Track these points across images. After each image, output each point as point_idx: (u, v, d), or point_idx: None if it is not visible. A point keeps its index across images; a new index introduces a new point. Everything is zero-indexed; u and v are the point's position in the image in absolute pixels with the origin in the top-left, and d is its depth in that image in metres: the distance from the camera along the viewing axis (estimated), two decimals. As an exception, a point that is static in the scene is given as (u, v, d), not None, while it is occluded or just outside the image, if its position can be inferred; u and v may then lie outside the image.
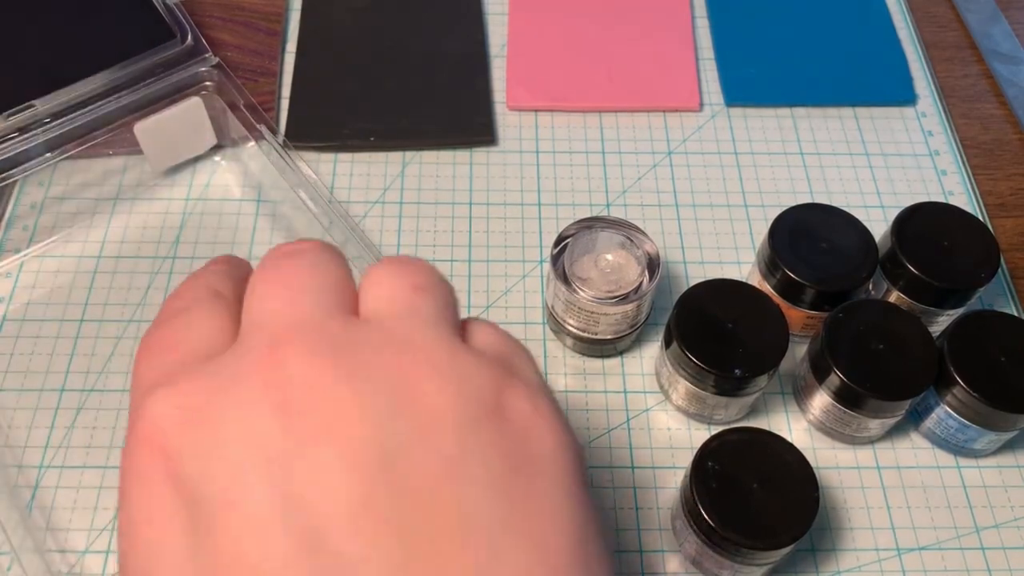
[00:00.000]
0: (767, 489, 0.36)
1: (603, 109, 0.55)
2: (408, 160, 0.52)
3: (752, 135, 0.54)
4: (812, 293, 0.42)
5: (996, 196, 0.53)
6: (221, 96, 0.47)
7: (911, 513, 0.41)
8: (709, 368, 0.39)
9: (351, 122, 0.53)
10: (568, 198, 0.51)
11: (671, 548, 0.40)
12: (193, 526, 0.18)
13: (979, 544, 0.41)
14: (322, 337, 0.20)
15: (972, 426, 0.40)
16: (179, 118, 0.47)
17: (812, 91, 0.56)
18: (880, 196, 0.52)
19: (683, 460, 0.42)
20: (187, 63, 0.47)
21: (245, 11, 0.57)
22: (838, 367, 0.39)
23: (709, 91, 0.56)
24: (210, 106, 0.48)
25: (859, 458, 0.43)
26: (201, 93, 0.47)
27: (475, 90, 0.55)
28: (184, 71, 0.47)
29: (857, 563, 0.40)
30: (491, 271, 0.48)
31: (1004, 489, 0.42)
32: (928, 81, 0.58)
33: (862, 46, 0.58)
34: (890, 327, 0.40)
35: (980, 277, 0.42)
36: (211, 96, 0.48)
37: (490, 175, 0.52)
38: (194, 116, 0.48)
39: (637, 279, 0.41)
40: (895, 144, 0.55)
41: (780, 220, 0.44)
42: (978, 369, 0.39)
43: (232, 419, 0.19)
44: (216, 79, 0.47)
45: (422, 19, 0.58)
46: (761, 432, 0.37)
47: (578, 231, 0.43)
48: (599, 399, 0.44)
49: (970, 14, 0.61)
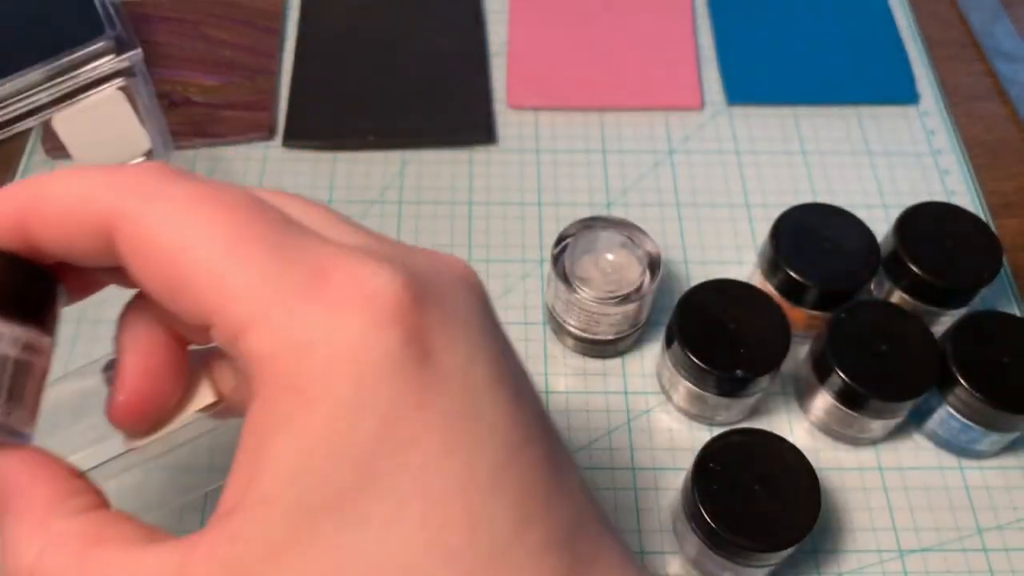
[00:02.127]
0: (769, 490, 0.36)
1: (604, 108, 0.55)
2: (408, 159, 0.52)
3: (754, 134, 0.54)
4: (814, 293, 0.42)
5: (999, 196, 0.52)
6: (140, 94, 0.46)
7: (913, 514, 0.41)
8: (710, 369, 0.39)
9: (350, 121, 0.53)
10: (568, 197, 0.51)
11: (672, 550, 0.40)
12: None
13: (982, 545, 0.40)
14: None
15: (975, 427, 0.40)
16: (99, 111, 0.45)
17: (814, 90, 0.56)
18: (882, 196, 0.52)
19: (684, 461, 0.42)
20: (113, 57, 0.45)
21: (244, 10, 0.57)
22: (840, 368, 0.39)
23: (711, 90, 0.56)
24: (137, 104, 0.46)
25: (861, 459, 0.43)
26: (121, 86, 0.45)
27: (475, 90, 0.55)
28: (107, 64, 0.45)
29: (859, 564, 0.40)
30: (491, 271, 0.48)
31: (1007, 490, 0.42)
32: (930, 80, 0.57)
33: (864, 45, 0.58)
34: (892, 327, 0.40)
35: (983, 277, 0.42)
36: (133, 92, 0.46)
37: (490, 175, 0.52)
38: (117, 111, 0.46)
39: (638, 279, 0.41)
40: (897, 143, 0.54)
41: (782, 220, 0.44)
42: (981, 370, 0.39)
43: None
44: (140, 73, 0.46)
45: (422, 18, 0.58)
46: (763, 433, 0.37)
47: (579, 231, 0.42)
48: (599, 400, 0.44)
49: (973, 12, 0.61)
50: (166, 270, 0.19)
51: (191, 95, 0.53)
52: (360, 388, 0.17)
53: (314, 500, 0.17)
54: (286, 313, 0.17)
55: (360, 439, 0.17)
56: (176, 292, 0.19)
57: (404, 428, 0.17)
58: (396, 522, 0.17)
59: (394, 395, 0.17)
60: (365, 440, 0.17)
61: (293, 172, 0.51)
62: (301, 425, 0.17)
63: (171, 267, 0.18)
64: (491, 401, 0.19)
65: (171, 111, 0.52)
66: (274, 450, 0.17)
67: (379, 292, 0.18)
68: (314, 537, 0.17)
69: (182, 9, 0.57)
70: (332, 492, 0.17)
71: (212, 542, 0.17)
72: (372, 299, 0.18)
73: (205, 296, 0.18)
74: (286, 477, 0.17)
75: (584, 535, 0.20)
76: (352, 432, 0.17)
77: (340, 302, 0.18)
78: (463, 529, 0.17)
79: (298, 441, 0.17)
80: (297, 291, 0.18)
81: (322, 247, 0.19)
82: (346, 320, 0.17)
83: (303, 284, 0.18)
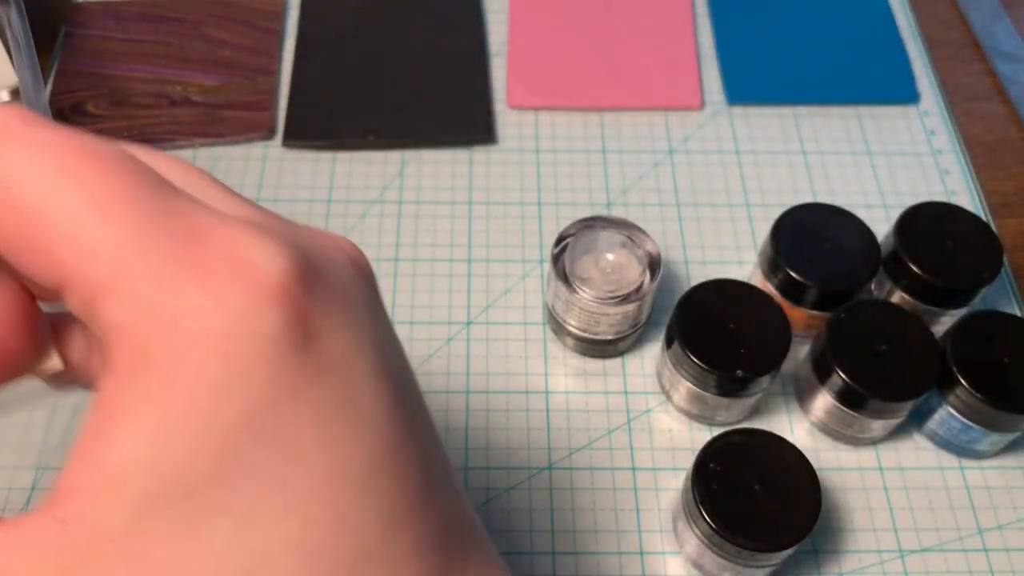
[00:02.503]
0: (769, 491, 0.36)
1: (604, 108, 0.55)
2: (407, 159, 0.52)
3: (754, 134, 0.54)
4: (814, 293, 0.42)
5: (999, 195, 0.52)
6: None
7: (914, 514, 0.41)
8: (711, 369, 0.39)
9: (350, 121, 0.52)
10: (568, 197, 0.51)
11: (672, 550, 0.40)
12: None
13: (982, 546, 0.40)
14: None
15: (975, 427, 0.40)
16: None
17: (814, 89, 0.56)
18: (882, 195, 0.52)
19: (684, 461, 0.42)
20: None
21: (244, 9, 0.57)
22: (840, 368, 0.39)
23: (711, 89, 0.56)
24: (6, 34, 0.44)
25: (861, 459, 0.43)
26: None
27: (475, 89, 0.55)
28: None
29: (859, 565, 0.40)
30: (491, 271, 0.48)
31: (1007, 490, 0.42)
32: (931, 80, 0.57)
33: (864, 45, 0.58)
34: (893, 327, 0.40)
35: (983, 277, 0.42)
36: (3, 20, 0.43)
37: (490, 174, 0.52)
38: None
39: (638, 279, 0.41)
40: (897, 143, 0.54)
41: (782, 220, 0.44)
42: (981, 370, 0.39)
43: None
44: (15, 4, 0.43)
45: (422, 18, 0.58)
46: (763, 433, 0.37)
47: (579, 231, 0.42)
48: (600, 400, 0.44)
49: (973, 12, 0.61)
50: (17, 221, 0.16)
51: (191, 95, 0.53)
52: (229, 369, 0.16)
53: (165, 487, 0.15)
54: (153, 280, 0.16)
55: (223, 424, 0.15)
56: (28, 247, 0.17)
57: (274, 417, 0.16)
58: (254, 515, 0.16)
59: (267, 381, 0.16)
60: (228, 426, 0.15)
61: (293, 172, 0.51)
62: (158, 404, 0.15)
63: (23, 218, 0.16)
64: (371, 395, 0.17)
65: (171, 111, 0.52)
66: (124, 429, 0.16)
67: (262, 268, 0.16)
68: (160, 526, 0.15)
69: (182, 9, 0.57)
70: (186, 480, 0.15)
71: (41, 524, 0.15)
72: (253, 274, 0.16)
73: (61, 254, 0.16)
74: (135, 460, 0.15)
75: (456, 534, 0.19)
76: (214, 416, 0.15)
77: (217, 274, 0.16)
78: (326, 528, 0.16)
79: (152, 422, 0.15)
80: (168, 257, 0.16)
81: (202, 213, 0.17)
82: (222, 294, 0.16)
83: (176, 250, 0.16)
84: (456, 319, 0.46)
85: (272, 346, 0.16)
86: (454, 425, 0.43)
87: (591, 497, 0.41)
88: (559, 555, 0.39)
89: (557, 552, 0.39)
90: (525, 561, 0.39)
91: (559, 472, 0.42)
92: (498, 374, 0.44)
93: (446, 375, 0.44)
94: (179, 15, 0.56)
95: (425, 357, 0.45)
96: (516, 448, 0.42)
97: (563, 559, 0.39)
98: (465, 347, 0.45)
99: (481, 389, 0.44)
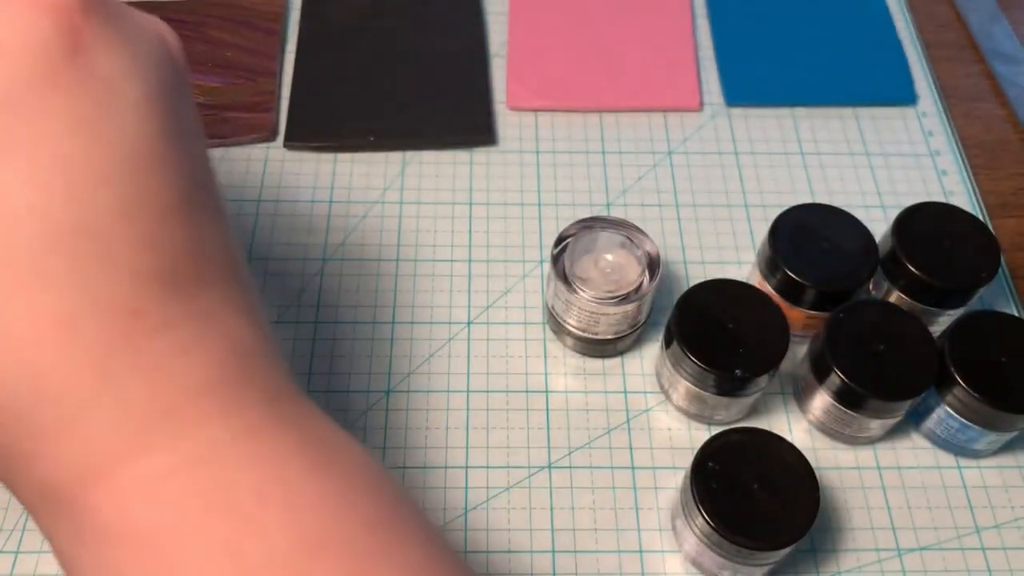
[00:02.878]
0: (767, 490, 0.36)
1: (603, 109, 0.55)
2: (408, 160, 0.52)
3: (752, 135, 0.54)
4: (812, 293, 0.42)
5: (997, 196, 0.53)
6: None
7: (911, 513, 0.41)
8: (709, 368, 0.39)
9: (351, 122, 0.53)
10: (568, 198, 0.51)
11: (671, 549, 0.40)
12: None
13: (980, 544, 0.41)
14: None
15: (973, 426, 0.40)
16: None
17: (813, 91, 0.56)
18: (880, 196, 0.52)
19: (683, 461, 0.42)
20: None
21: (244, 10, 0.57)
22: (839, 367, 0.39)
23: (709, 91, 0.56)
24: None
25: (859, 458, 0.43)
26: None
27: (475, 90, 0.55)
28: None
29: (857, 563, 0.40)
30: (491, 271, 0.48)
31: (1005, 489, 0.42)
32: (929, 81, 0.58)
33: (862, 46, 0.58)
34: (891, 327, 0.40)
35: (981, 277, 0.42)
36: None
37: (490, 175, 0.52)
38: None
39: (637, 279, 0.41)
40: (896, 144, 0.54)
41: (780, 220, 0.44)
42: (979, 369, 0.39)
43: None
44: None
45: (422, 19, 0.58)
46: (761, 432, 0.37)
47: (578, 231, 0.43)
48: (599, 399, 0.44)
49: (971, 14, 0.61)
50: None
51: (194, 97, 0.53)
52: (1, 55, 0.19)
53: None
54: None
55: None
56: None
57: (34, 97, 0.19)
58: (2, 175, 0.18)
59: (32, 68, 0.19)
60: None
61: (294, 173, 0.51)
62: None
63: None
64: (132, 115, 0.20)
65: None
66: None
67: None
68: None
69: (183, 10, 0.57)
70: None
71: None
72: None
73: None
74: None
75: (199, 267, 0.21)
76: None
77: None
78: (64, 201, 0.19)
79: None
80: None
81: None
82: (9, 9, 0.19)
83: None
84: (457, 319, 0.46)
85: (40, 47, 0.19)
86: (454, 424, 0.43)
87: (590, 496, 0.41)
88: (558, 553, 0.39)
89: (556, 550, 0.40)
90: (525, 559, 0.39)
91: (559, 471, 0.42)
92: (498, 374, 0.44)
93: (447, 375, 0.44)
94: (180, 16, 0.56)
95: (426, 357, 0.45)
96: (516, 447, 0.42)
97: (562, 557, 0.39)
98: (466, 347, 0.45)
99: (481, 388, 0.44)
